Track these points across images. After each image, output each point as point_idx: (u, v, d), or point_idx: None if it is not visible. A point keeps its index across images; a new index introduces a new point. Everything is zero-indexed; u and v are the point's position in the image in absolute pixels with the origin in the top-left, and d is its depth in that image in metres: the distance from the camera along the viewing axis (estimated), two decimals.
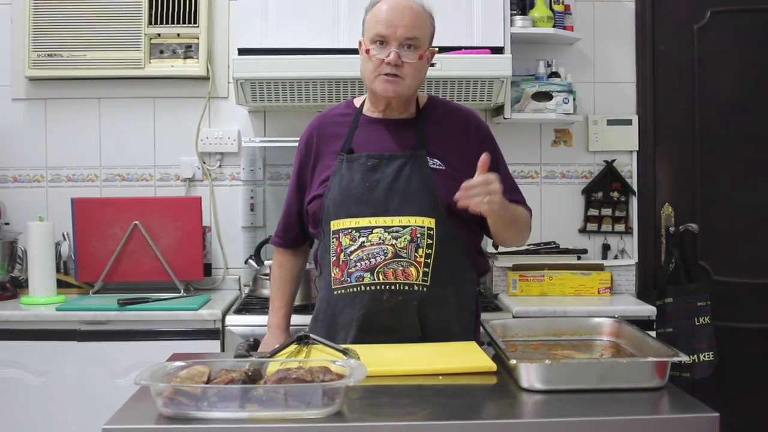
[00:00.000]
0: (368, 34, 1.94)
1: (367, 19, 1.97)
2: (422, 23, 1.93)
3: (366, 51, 1.93)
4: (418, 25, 1.91)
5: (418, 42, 1.91)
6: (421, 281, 1.89)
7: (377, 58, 1.91)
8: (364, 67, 1.96)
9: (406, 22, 1.89)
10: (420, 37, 1.91)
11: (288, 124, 3.27)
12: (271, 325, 2.17)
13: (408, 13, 1.90)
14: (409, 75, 1.92)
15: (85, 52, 3.18)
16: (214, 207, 3.31)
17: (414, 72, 1.92)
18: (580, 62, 3.36)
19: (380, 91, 1.93)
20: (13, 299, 2.97)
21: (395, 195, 1.91)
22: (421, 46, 1.92)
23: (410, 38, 1.90)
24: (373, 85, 1.94)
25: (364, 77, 1.98)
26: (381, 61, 1.90)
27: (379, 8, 1.93)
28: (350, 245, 1.89)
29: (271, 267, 2.25)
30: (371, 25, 1.93)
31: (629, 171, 3.37)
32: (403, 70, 1.90)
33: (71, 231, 3.09)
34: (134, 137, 3.30)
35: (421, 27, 1.93)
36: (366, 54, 1.93)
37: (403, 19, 1.89)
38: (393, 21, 1.89)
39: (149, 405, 1.38)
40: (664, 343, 1.64)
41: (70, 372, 2.70)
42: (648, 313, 2.85)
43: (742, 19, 3.34)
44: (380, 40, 1.90)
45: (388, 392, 1.51)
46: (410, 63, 1.90)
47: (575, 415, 1.40)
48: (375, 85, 1.93)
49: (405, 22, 1.89)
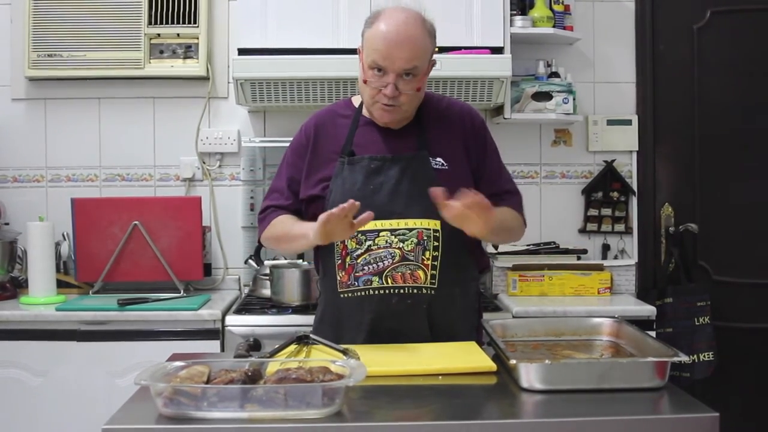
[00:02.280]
0: (366, 57, 1.88)
1: (366, 36, 1.90)
2: (422, 51, 1.87)
3: (363, 81, 1.89)
4: (417, 55, 1.85)
5: (416, 71, 1.86)
6: (429, 284, 1.89)
7: (374, 87, 1.87)
8: (362, 89, 1.93)
9: (405, 55, 1.83)
10: (419, 65, 1.86)
11: (288, 124, 3.27)
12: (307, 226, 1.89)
13: (407, 45, 1.83)
14: (406, 103, 1.90)
15: (85, 52, 3.18)
16: (213, 207, 3.31)
17: (411, 99, 1.90)
18: (580, 62, 3.36)
19: (378, 117, 1.94)
20: (13, 299, 2.97)
21: (400, 197, 1.91)
22: (419, 74, 1.88)
23: (409, 69, 1.85)
24: (371, 110, 1.94)
25: (362, 97, 1.97)
26: (378, 90, 1.87)
27: (378, 30, 1.85)
28: (356, 249, 1.89)
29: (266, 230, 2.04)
30: (369, 49, 1.87)
31: (629, 171, 3.37)
32: (399, 99, 1.87)
33: (71, 231, 3.09)
34: (134, 137, 3.30)
35: (421, 56, 1.86)
36: (363, 82, 1.89)
37: (402, 52, 1.83)
38: (391, 54, 1.83)
39: (149, 405, 1.38)
40: (664, 343, 1.64)
41: (69, 372, 2.70)
42: (648, 313, 2.85)
43: (742, 20, 3.34)
44: (378, 68, 1.86)
45: (388, 392, 1.51)
46: (408, 93, 1.88)
47: (575, 415, 1.40)
48: (373, 110, 1.93)
49: (404, 54, 1.83)
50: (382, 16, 1.87)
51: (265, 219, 2.06)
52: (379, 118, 1.93)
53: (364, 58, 1.90)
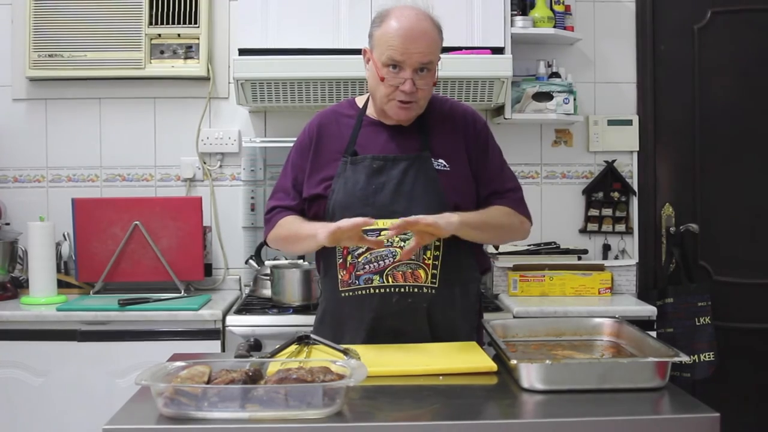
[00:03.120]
0: (380, 56, 1.88)
1: (377, 35, 1.90)
2: (435, 45, 1.89)
3: (380, 78, 1.88)
4: (431, 50, 1.87)
5: (431, 65, 1.88)
6: (429, 283, 1.89)
7: (391, 84, 1.87)
8: (375, 88, 1.92)
9: (422, 48, 1.85)
10: (434, 59, 1.89)
11: (288, 124, 3.27)
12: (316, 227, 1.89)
13: (423, 39, 1.85)
14: (422, 98, 1.91)
15: (86, 52, 3.18)
16: (214, 207, 3.31)
17: (427, 94, 1.92)
18: (581, 62, 3.36)
19: (393, 115, 1.93)
20: (14, 299, 2.98)
21: (401, 197, 1.91)
22: (434, 68, 1.90)
23: (425, 63, 1.87)
24: (385, 107, 1.93)
25: (374, 96, 1.95)
26: (395, 87, 1.87)
27: (391, 27, 1.86)
28: (358, 247, 1.89)
29: (272, 230, 2.05)
30: (383, 47, 1.87)
31: (630, 171, 3.37)
32: (417, 95, 1.88)
33: (72, 231, 3.09)
34: (135, 137, 3.30)
35: (435, 50, 1.89)
36: (380, 79, 1.88)
37: (419, 46, 1.85)
38: (408, 49, 1.84)
39: (150, 405, 1.39)
40: (665, 344, 1.64)
41: (70, 372, 2.70)
42: (648, 314, 2.85)
43: (742, 20, 3.34)
44: (394, 64, 1.86)
45: (389, 392, 1.51)
46: (424, 89, 1.89)
47: (576, 415, 1.40)
48: (388, 108, 1.92)
49: (420, 49, 1.85)
50: (392, 14, 1.88)
51: (271, 219, 2.07)
52: (395, 115, 1.93)
53: (377, 57, 1.89)
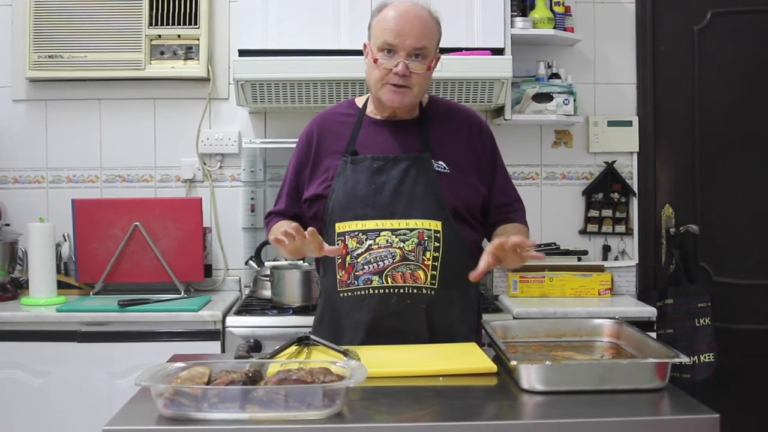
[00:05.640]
0: (376, 41, 1.92)
1: (373, 24, 1.94)
2: (430, 32, 1.92)
3: (374, 60, 1.91)
4: (426, 34, 1.90)
5: (426, 51, 1.90)
6: (429, 284, 1.90)
7: (385, 67, 1.90)
8: (370, 74, 1.95)
9: (415, 32, 1.88)
10: (428, 46, 1.90)
11: (289, 125, 3.27)
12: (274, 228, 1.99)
13: (417, 23, 1.88)
14: (416, 84, 1.91)
15: (86, 53, 3.18)
16: (214, 208, 3.31)
17: (421, 81, 1.92)
18: (581, 63, 3.36)
19: (386, 101, 1.93)
20: (14, 300, 2.97)
21: (401, 198, 1.91)
22: (429, 55, 1.92)
23: (419, 48, 1.89)
24: (379, 93, 1.94)
25: (370, 84, 1.97)
26: (389, 70, 1.89)
27: (387, 15, 1.91)
28: (357, 248, 1.89)
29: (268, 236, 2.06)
30: (379, 32, 1.91)
31: (629, 172, 3.37)
32: (410, 80, 1.90)
33: (72, 232, 3.09)
34: (135, 138, 3.30)
35: (430, 36, 1.91)
36: (373, 62, 1.91)
37: (412, 29, 1.88)
38: (402, 30, 1.87)
39: (149, 406, 1.38)
40: (665, 345, 1.64)
41: (70, 373, 2.70)
42: (648, 315, 2.84)
43: (742, 21, 3.34)
44: (388, 48, 1.89)
45: (389, 393, 1.51)
46: (418, 73, 1.90)
47: (576, 416, 1.40)
48: (381, 93, 1.93)
49: (414, 32, 1.88)
50: (389, 4, 1.94)
51: (266, 226, 2.15)
52: (388, 101, 1.93)
53: (372, 44, 1.93)
